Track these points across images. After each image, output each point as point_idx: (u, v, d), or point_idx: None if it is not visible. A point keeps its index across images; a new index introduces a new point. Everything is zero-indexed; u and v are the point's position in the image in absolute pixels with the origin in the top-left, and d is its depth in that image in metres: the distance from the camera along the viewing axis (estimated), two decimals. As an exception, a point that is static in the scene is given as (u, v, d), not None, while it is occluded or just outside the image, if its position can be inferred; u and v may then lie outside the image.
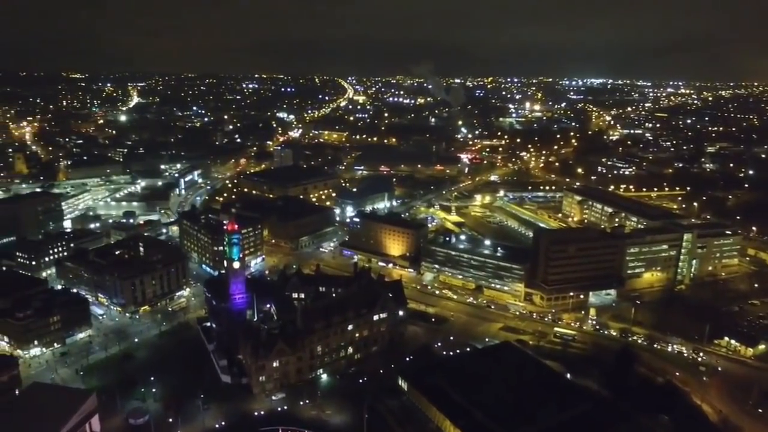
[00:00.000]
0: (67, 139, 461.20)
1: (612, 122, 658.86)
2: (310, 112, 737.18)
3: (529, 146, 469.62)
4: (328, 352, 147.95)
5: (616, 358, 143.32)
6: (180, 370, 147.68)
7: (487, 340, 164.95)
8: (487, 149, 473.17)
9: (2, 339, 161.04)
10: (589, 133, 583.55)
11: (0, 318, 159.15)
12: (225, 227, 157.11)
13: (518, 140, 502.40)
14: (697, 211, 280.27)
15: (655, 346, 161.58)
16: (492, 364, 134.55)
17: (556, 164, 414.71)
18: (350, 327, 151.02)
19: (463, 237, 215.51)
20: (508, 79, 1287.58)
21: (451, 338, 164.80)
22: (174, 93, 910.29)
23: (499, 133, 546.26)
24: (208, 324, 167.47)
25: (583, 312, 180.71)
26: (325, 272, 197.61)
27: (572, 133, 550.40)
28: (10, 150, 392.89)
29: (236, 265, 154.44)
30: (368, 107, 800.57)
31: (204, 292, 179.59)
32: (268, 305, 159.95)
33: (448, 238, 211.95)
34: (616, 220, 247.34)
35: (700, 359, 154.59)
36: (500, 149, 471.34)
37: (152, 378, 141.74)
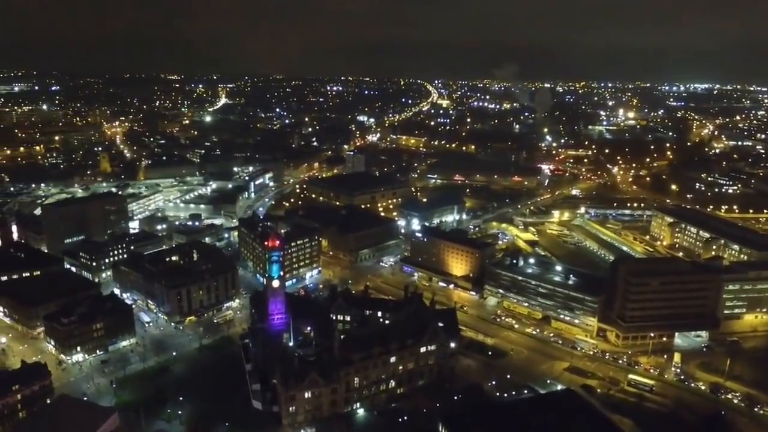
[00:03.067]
0: (151, 139, 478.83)
1: (716, 132, 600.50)
2: (391, 115, 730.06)
3: (619, 158, 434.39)
4: (366, 385, 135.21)
5: (704, 423, 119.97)
6: (213, 389, 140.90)
7: (548, 381, 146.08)
8: (572, 160, 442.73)
9: (49, 342, 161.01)
10: (688, 144, 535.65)
11: (48, 321, 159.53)
12: (265, 243, 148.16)
13: (607, 150, 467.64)
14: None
15: (757, 410, 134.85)
16: (550, 417, 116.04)
17: (648, 179, 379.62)
18: (393, 359, 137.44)
19: (532, 260, 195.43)
20: (602, 84, 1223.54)
21: (508, 376, 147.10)
22: (260, 94, 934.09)
23: (586, 143, 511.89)
24: (248, 341, 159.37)
25: (665, 357, 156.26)
26: (373, 294, 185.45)
27: (668, 144, 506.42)
28: (99, 149, 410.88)
29: (275, 283, 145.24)
30: (451, 112, 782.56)
31: (249, 306, 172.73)
32: (308, 328, 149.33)
33: (515, 261, 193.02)
34: (714, 248, 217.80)
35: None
36: (586, 160, 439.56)
37: (183, 397, 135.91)
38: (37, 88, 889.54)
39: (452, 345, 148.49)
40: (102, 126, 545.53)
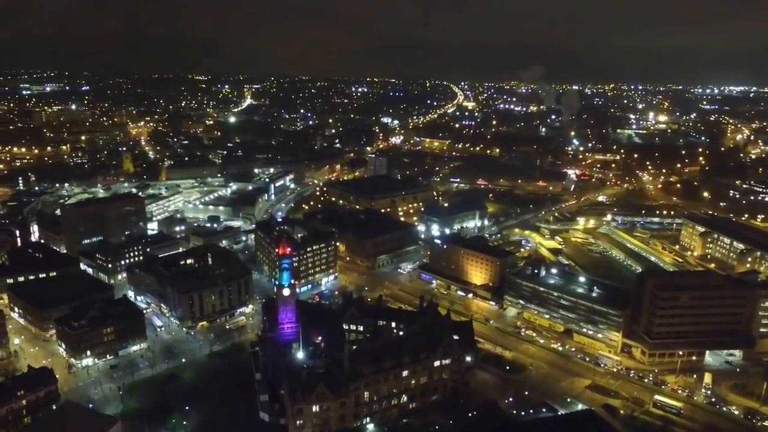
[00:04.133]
0: (175, 140, 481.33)
1: (752, 137, 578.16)
2: (415, 117, 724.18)
3: (648, 163, 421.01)
4: (377, 400, 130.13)
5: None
6: (221, 398, 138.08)
7: (568, 400, 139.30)
8: (599, 164, 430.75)
9: (60, 345, 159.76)
10: (722, 149, 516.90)
11: (59, 325, 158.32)
12: (276, 250, 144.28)
13: (636, 155, 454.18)
14: None
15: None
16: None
17: (678, 185, 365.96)
18: (405, 373, 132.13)
19: (554, 270, 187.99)
20: (631, 86, 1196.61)
21: (526, 393, 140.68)
22: (285, 95, 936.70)
23: (614, 147, 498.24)
24: (258, 349, 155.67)
25: (695, 377, 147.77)
26: (390, 302, 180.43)
27: (701, 149, 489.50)
28: (123, 149, 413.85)
29: (286, 292, 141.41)
30: (476, 114, 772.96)
31: (262, 312, 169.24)
32: (319, 338, 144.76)
33: (536, 270, 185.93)
34: (749, 260, 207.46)
35: None
36: (614, 165, 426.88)
37: (189, 406, 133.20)
38: (67, 88, 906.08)
39: (468, 359, 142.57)
40: (127, 126, 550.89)
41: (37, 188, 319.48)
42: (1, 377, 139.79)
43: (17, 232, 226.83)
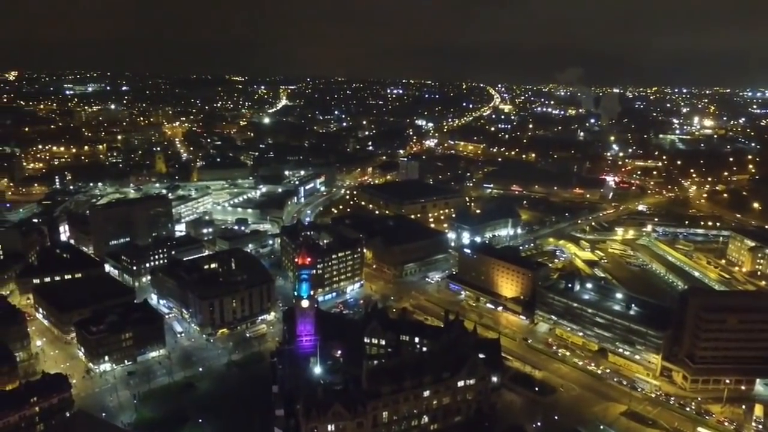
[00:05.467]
0: (208, 140, 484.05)
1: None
2: (450, 120, 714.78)
3: (692, 170, 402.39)
4: (396, 421, 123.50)
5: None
6: (236, 411, 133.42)
7: (601, 427, 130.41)
8: (639, 171, 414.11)
9: (80, 349, 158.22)
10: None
11: (78, 328, 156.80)
12: (295, 260, 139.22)
13: (679, 162, 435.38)
14: None
15: None
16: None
17: (725, 195, 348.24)
18: (427, 392, 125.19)
19: (589, 285, 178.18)
20: (675, 89, 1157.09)
21: (556, 418, 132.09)
22: (320, 96, 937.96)
23: (656, 153, 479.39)
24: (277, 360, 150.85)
25: (743, 408, 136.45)
26: (415, 313, 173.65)
27: (750, 156, 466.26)
28: (157, 149, 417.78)
29: (305, 303, 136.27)
30: (513, 117, 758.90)
31: (282, 321, 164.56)
32: (339, 351, 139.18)
33: (570, 285, 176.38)
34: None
35: None
36: (655, 172, 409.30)
37: (203, 418, 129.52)
38: (108, 88, 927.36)
39: (494, 379, 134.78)
40: (163, 126, 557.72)
41: (71, 187, 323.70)
42: (22, 380, 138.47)
43: (47, 232, 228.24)
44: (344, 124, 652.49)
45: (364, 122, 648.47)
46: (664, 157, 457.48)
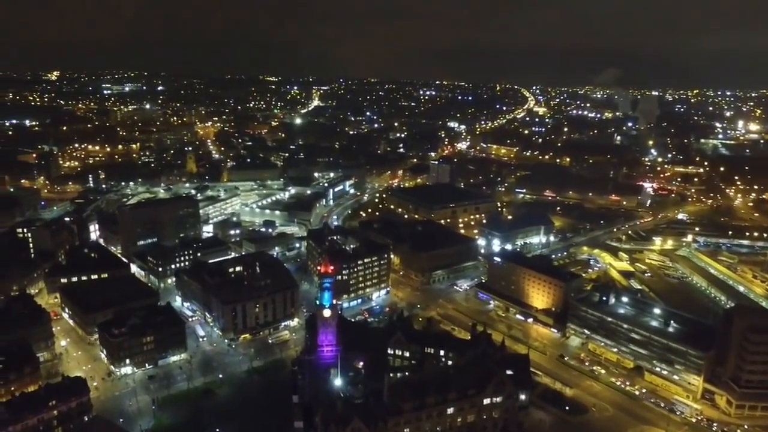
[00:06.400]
0: (239, 140, 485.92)
1: None
2: (483, 122, 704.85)
3: (736, 177, 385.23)
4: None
5: None
6: (255, 420, 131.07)
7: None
8: (679, 178, 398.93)
9: (102, 351, 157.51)
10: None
11: (100, 330, 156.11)
12: (318, 268, 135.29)
13: (722, 168, 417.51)
14: None
15: None
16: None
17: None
18: (451, 410, 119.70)
19: (625, 299, 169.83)
20: (718, 92, 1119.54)
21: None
22: (353, 97, 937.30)
23: (697, 158, 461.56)
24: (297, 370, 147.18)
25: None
26: (442, 322, 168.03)
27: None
28: (188, 149, 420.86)
29: (326, 313, 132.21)
30: (547, 120, 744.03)
31: (305, 328, 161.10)
32: (360, 363, 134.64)
33: (605, 297, 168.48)
34: None
35: None
36: (696, 179, 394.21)
37: (221, 427, 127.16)
38: (144, 88, 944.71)
39: (522, 397, 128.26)
40: (195, 126, 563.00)
41: (104, 186, 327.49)
42: (45, 380, 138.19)
43: (76, 231, 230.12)
44: (376, 125, 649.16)
45: (396, 124, 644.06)
46: (706, 163, 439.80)
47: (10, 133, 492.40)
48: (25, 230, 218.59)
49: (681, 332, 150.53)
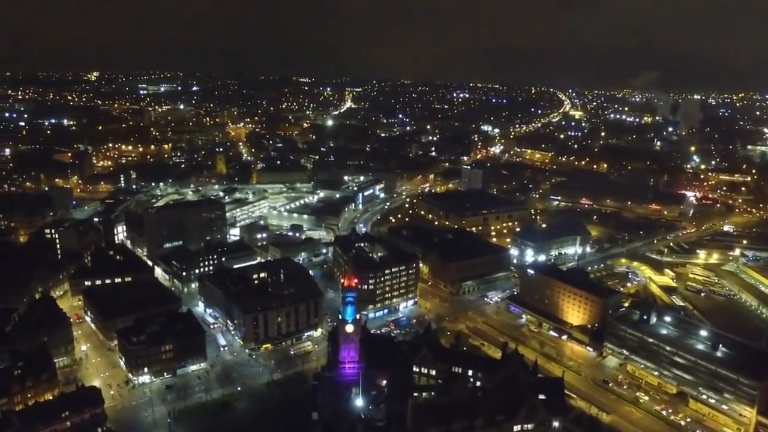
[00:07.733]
0: (270, 142, 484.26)
1: None
2: (517, 126, 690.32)
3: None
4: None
5: None
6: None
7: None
8: (724, 187, 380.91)
9: (121, 359, 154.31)
10: None
11: (120, 337, 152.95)
12: (341, 281, 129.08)
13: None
14: None
15: None
16: None
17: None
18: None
19: (668, 318, 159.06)
20: (766, 96, 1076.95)
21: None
22: (385, 99, 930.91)
23: (744, 166, 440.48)
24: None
25: None
26: (471, 337, 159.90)
27: None
28: (219, 149, 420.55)
29: (349, 328, 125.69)
30: (584, 124, 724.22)
31: (328, 340, 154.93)
32: (384, 381, 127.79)
33: (645, 316, 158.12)
34: None
35: None
36: (743, 188, 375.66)
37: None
38: (179, 88, 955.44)
39: (555, 424, 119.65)
40: (227, 126, 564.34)
41: (134, 186, 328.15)
42: (62, 386, 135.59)
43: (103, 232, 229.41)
44: (408, 128, 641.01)
45: (429, 127, 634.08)
46: (754, 171, 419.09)
47: (49, 132, 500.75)
48: (52, 231, 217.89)
49: (731, 357, 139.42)
